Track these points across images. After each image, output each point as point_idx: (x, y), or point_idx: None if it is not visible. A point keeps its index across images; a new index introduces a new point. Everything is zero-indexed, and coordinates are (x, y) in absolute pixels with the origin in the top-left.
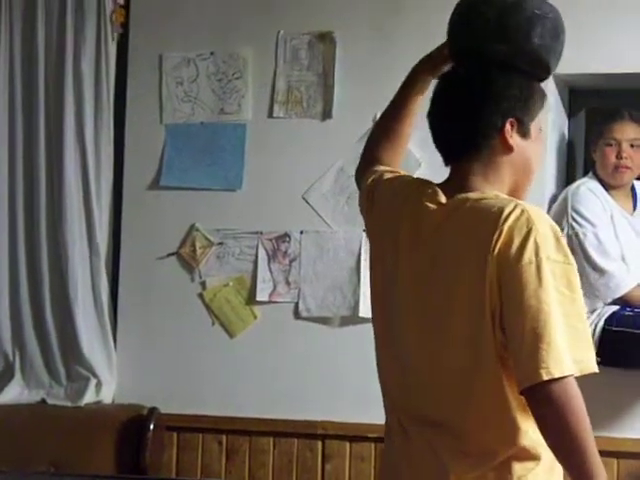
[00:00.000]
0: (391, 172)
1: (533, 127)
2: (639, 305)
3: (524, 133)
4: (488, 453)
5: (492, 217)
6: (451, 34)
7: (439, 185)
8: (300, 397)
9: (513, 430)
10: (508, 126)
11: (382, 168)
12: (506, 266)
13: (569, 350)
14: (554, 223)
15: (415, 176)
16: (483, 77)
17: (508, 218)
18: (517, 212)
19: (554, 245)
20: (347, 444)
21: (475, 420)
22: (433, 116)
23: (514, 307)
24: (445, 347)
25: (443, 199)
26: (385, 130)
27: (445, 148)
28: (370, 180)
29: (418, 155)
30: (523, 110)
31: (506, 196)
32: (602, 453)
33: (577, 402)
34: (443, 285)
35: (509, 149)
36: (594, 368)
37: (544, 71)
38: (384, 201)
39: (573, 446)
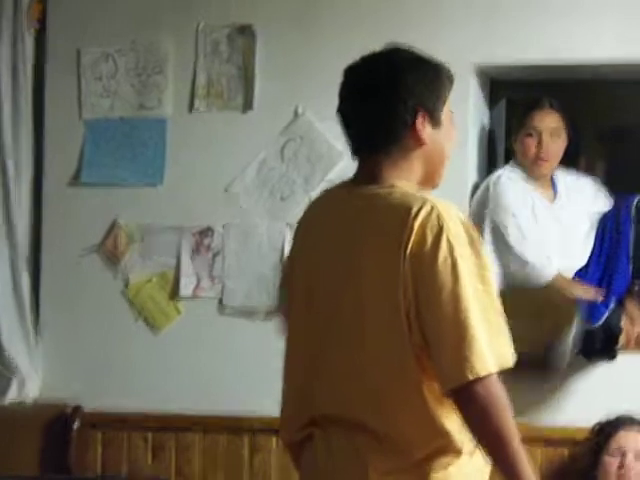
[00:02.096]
0: None
1: (444, 113)
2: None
3: (435, 122)
4: (408, 450)
5: (401, 215)
6: None
7: (351, 181)
8: (226, 392)
9: (433, 428)
10: (419, 122)
11: None
12: (421, 266)
13: (490, 346)
14: (463, 217)
15: (337, 168)
16: (391, 75)
17: (418, 215)
18: (427, 209)
19: (466, 241)
20: (274, 438)
21: (394, 420)
22: (344, 113)
23: (433, 308)
24: (360, 347)
25: (353, 194)
26: None
27: (357, 143)
28: None
29: (340, 147)
30: (432, 101)
31: (413, 191)
32: (526, 440)
33: (503, 399)
34: (356, 286)
35: (421, 142)
36: (511, 362)
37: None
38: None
39: (500, 443)
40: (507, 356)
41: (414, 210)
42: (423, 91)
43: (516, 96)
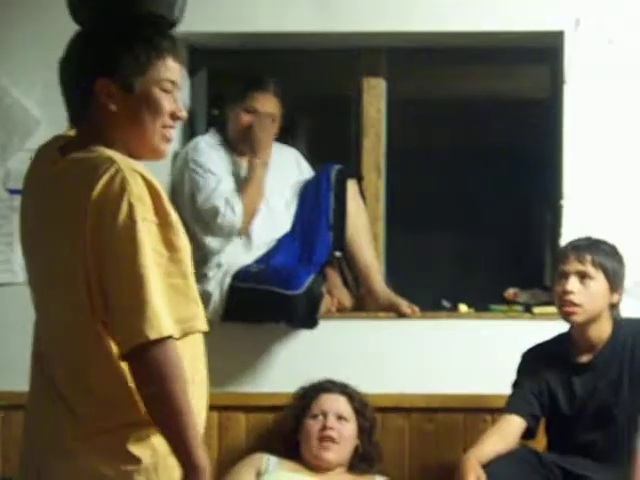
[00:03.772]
0: None
1: (143, 81)
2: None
3: (127, 89)
4: (103, 417)
5: (87, 176)
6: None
7: (67, 141)
8: None
9: (127, 397)
10: (99, 88)
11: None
12: (101, 228)
13: (170, 311)
14: (152, 179)
15: (35, 136)
16: (74, 42)
17: (102, 178)
18: (111, 171)
19: (151, 205)
20: None
21: (88, 388)
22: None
23: (111, 270)
24: (51, 311)
25: (57, 157)
26: None
27: (68, 112)
28: None
29: (37, 114)
30: (116, 66)
31: (110, 153)
32: (230, 408)
33: (176, 366)
34: (48, 246)
35: (105, 107)
36: (202, 327)
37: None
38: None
39: (169, 411)
40: (194, 321)
41: (99, 172)
42: (105, 56)
43: (217, 65)
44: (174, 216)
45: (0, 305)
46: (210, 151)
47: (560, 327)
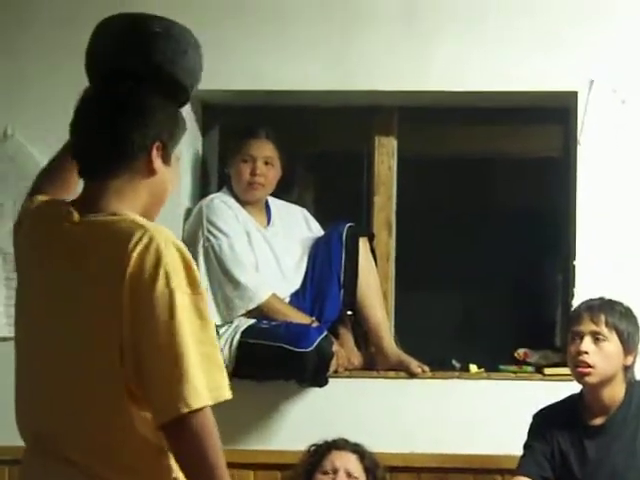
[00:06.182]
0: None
1: (173, 158)
2: (275, 317)
3: (166, 159)
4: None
5: (121, 243)
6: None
7: (74, 202)
8: None
9: (148, 461)
10: (154, 149)
11: (41, 197)
12: (138, 298)
13: (205, 379)
14: (183, 247)
15: None
16: (134, 98)
17: (137, 246)
18: (145, 240)
19: (184, 274)
20: None
21: (109, 455)
22: (75, 128)
23: (148, 340)
24: (74, 380)
25: (76, 218)
26: (53, 179)
27: (84, 163)
28: (26, 207)
29: None
30: (169, 136)
31: (138, 219)
32: (239, 466)
33: (214, 433)
34: (74, 312)
35: (152, 172)
36: (228, 395)
37: (180, 90)
38: (29, 223)
39: (212, 476)
40: (223, 389)
41: (134, 240)
42: (164, 122)
43: (230, 121)
44: (202, 283)
45: None
46: (225, 209)
47: (571, 388)
